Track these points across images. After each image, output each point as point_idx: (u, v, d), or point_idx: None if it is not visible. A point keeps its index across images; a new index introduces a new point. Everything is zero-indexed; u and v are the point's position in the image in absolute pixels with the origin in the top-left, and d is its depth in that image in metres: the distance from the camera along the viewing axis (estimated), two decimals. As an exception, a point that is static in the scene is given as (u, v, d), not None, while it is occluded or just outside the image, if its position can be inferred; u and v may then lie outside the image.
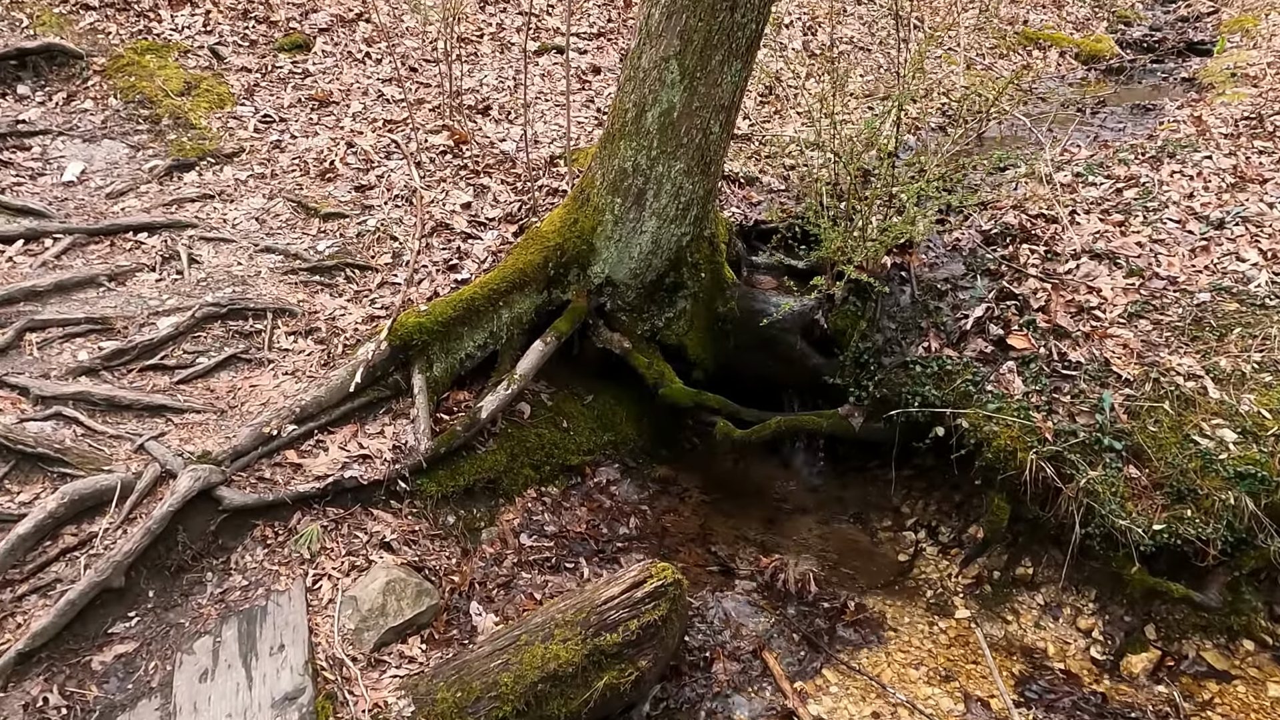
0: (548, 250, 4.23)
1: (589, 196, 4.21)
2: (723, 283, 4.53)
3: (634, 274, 4.35)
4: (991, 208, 4.81)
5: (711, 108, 3.85)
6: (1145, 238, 4.25)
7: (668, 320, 4.60)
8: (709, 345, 4.66)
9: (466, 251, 4.34)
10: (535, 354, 4.14)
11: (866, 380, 4.17)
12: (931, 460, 4.54)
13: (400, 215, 4.61)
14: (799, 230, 5.00)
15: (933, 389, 3.89)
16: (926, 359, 3.98)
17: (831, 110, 4.37)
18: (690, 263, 4.45)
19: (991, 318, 4.04)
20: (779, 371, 4.56)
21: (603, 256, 4.29)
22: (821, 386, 4.45)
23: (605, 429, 4.64)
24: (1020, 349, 3.86)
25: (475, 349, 4.17)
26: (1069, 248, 4.28)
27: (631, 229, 4.17)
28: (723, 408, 4.46)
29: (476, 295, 4.07)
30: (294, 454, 3.52)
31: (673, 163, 3.96)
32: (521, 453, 4.20)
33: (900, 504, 4.52)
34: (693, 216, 4.22)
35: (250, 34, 6.04)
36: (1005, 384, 3.76)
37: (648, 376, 4.50)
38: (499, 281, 4.13)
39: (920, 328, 4.17)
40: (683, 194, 4.08)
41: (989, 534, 3.69)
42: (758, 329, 4.49)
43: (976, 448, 3.68)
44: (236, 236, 4.45)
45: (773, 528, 4.43)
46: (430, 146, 5.12)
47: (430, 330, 3.93)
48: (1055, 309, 3.93)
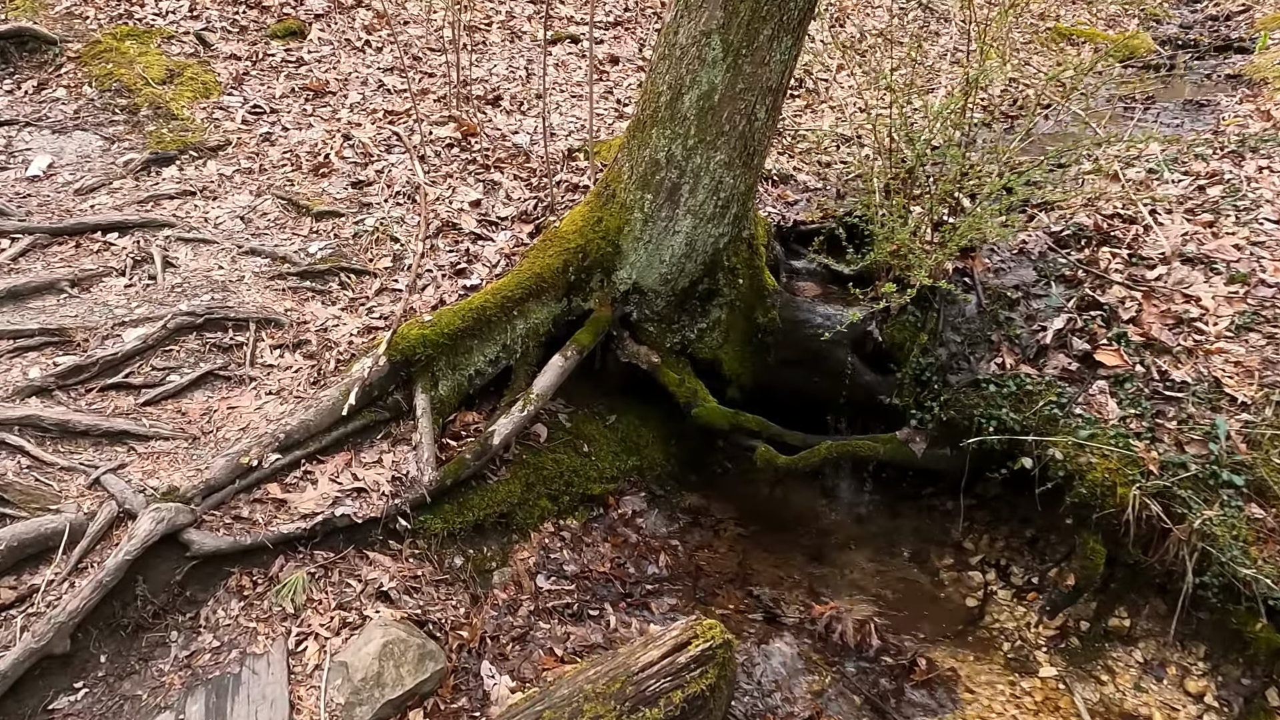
0: (568, 253, 3.74)
1: (615, 192, 3.73)
2: (763, 290, 4.04)
3: (664, 280, 3.86)
4: (1059, 207, 4.32)
5: (758, 90, 3.37)
6: (1243, 240, 3.76)
7: (700, 332, 4.11)
8: (746, 360, 4.17)
9: (476, 254, 3.86)
10: (554, 370, 3.66)
11: (930, 401, 3.67)
12: (997, 489, 4.05)
13: (402, 214, 4.13)
14: (842, 232, 4.51)
15: (1010, 412, 3.39)
16: (1001, 377, 3.48)
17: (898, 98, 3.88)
18: (727, 267, 3.96)
19: (1074, 330, 3.55)
20: (825, 389, 4.06)
21: (630, 260, 3.80)
22: (875, 407, 3.96)
23: (630, 453, 4.15)
24: (1112, 366, 3.36)
25: (486, 364, 3.68)
26: (1156, 251, 3.79)
27: (663, 229, 3.69)
28: (763, 430, 3.97)
29: (488, 304, 3.58)
30: (277, 488, 3.03)
31: (712, 153, 3.48)
32: (538, 481, 3.71)
33: (963, 538, 4.02)
34: (732, 215, 3.73)
35: (240, 19, 5.57)
36: (1097, 407, 3.26)
37: (679, 395, 4.01)
38: (513, 288, 3.64)
39: (990, 341, 3.68)
40: (722, 189, 3.59)
41: (1082, 581, 3.19)
42: (802, 342, 4.00)
43: (1066, 481, 3.18)
44: (218, 237, 3.97)
45: (819, 565, 3.93)
46: (435, 139, 4.64)
47: (435, 343, 3.45)
48: (1149, 320, 3.44)
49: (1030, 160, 4.58)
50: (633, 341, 4.03)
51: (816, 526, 4.21)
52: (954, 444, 3.64)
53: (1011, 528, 3.93)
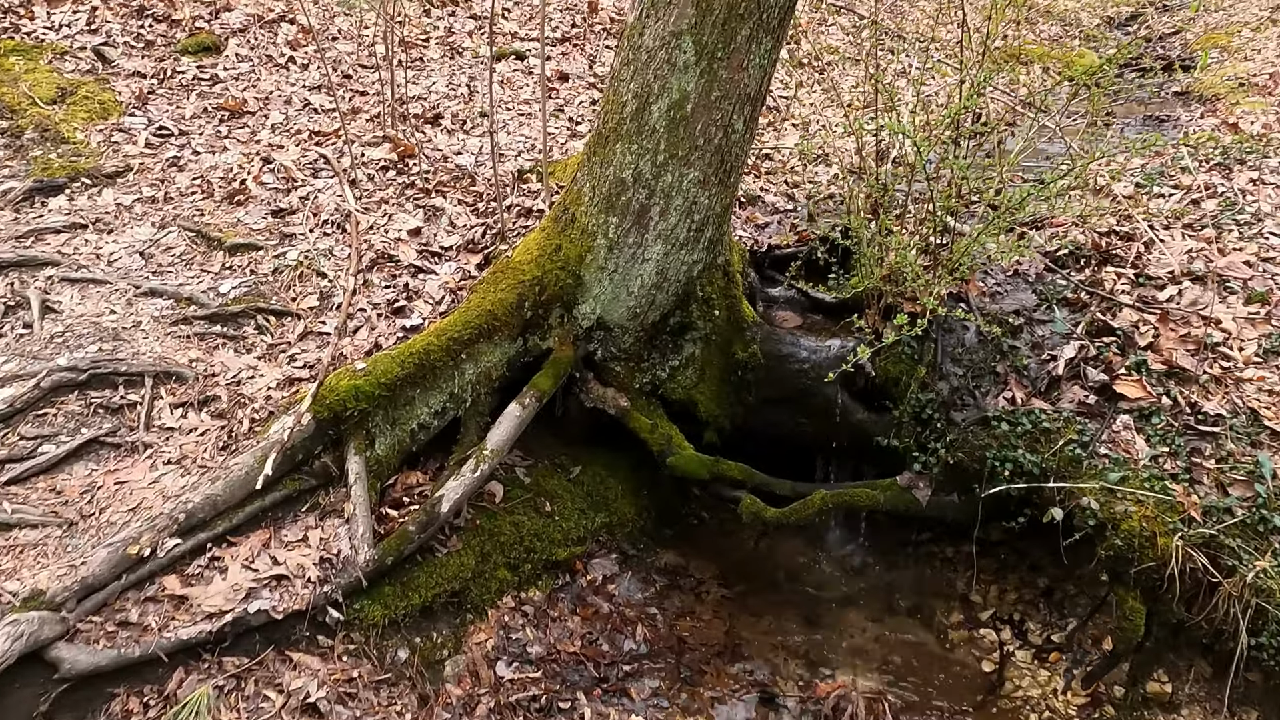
0: (523, 286, 3.29)
1: (574, 216, 3.29)
2: (741, 322, 3.63)
3: (633, 314, 3.43)
4: (1051, 225, 4.03)
5: (735, 98, 2.98)
6: (1252, 256, 3.50)
7: (672, 370, 3.68)
8: (724, 400, 3.75)
9: (417, 290, 3.37)
10: (510, 422, 3.18)
11: (934, 441, 3.30)
12: (999, 534, 3.69)
13: (330, 245, 3.62)
14: (821, 256, 4.15)
15: (1027, 453, 3.03)
16: (1014, 414, 3.12)
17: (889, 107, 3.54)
18: (701, 298, 3.55)
19: (1087, 359, 3.22)
20: (813, 430, 3.66)
21: (593, 293, 3.36)
22: (869, 449, 3.57)
23: (597, 509, 3.68)
24: (1134, 399, 3.03)
25: (431, 416, 3.19)
26: (1163, 269, 3.50)
27: (630, 257, 3.26)
28: (747, 479, 3.54)
29: (432, 347, 3.10)
30: (176, 581, 2.48)
31: (685, 170, 3.07)
32: (494, 549, 3.21)
33: (968, 590, 3.64)
34: (707, 239, 3.32)
35: (146, 33, 5.01)
36: (1124, 445, 2.92)
37: (651, 443, 3.56)
38: (461, 328, 3.16)
39: (996, 373, 3.33)
40: (696, 210, 3.19)
41: (1120, 645, 2.82)
42: (786, 378, 3.60)
43: (1097, 531, 2.82)
44: (112, 276, 3.40)
45: (815, 629, 3.50)
46: (368, 161, 4.15)
47: (370, 396, 2.95)
48: (1168, 346, 3.13)
49: (1014, 173, 4.29)
50: (598, 383, 3.58)
51: (807, 582, 3.78)
52: (963, 489, 3.26)
53: (1022, 576, 3.57)
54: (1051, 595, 3.43)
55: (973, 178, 3.22)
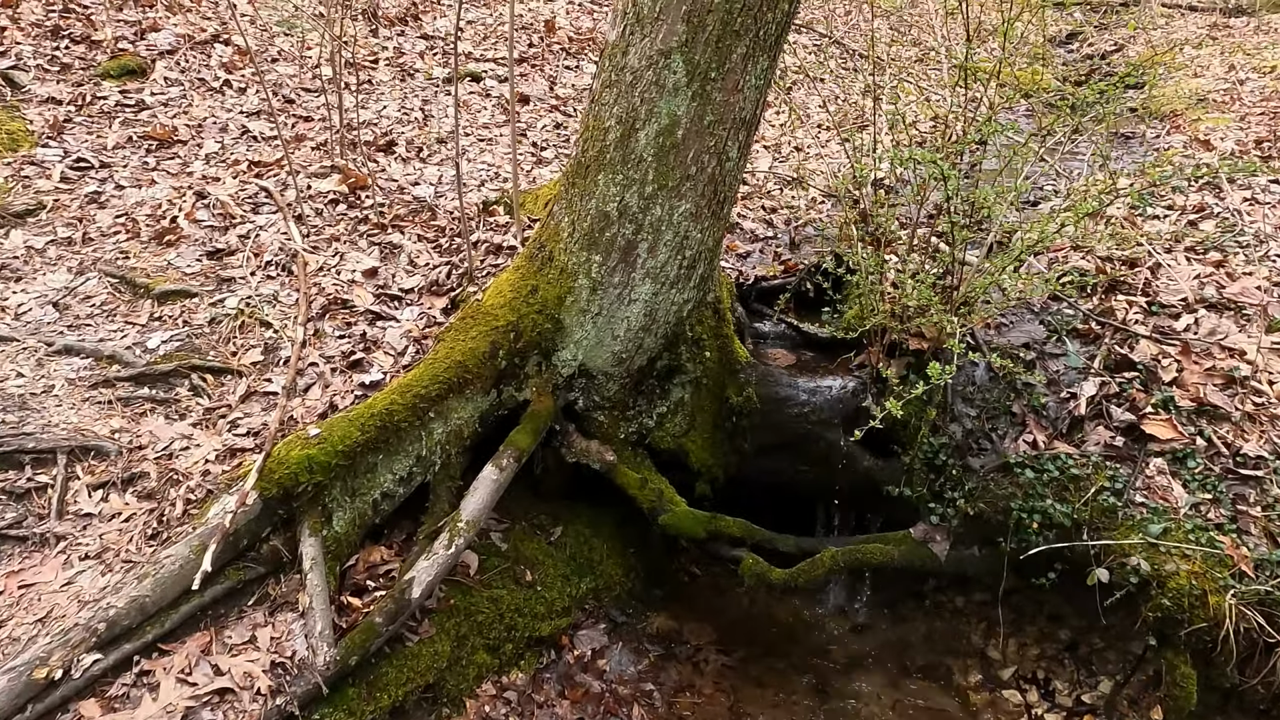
0: (496, 333, 2.94)
1: (551, 254, 2.97)
2: (734, 364, 3.34)
3: (618, 359, 3.11)
4: (1047, 250, 3.84)
5: (730, 123, 2.70)
6: (1264, 281, 3.34)
7: (660, 418, 3.37)
8: (717, 448, 3.44)
9: (375, 340, 3.00)
10: (486, 487, 2.82)
11: (950, 490, 3.04)
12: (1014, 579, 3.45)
13: (275, 290, 3.23)
14: (810, 288, 3.89)
15: (1056, 503, 2.78)
16: (1039, 459, 2.88)
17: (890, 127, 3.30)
18: (690, 338, 3.25)
19: (1109, 396, 3.00)
20: (815, 479, 3.38)
21: (575, 338, 3.03)
22: (875, 497, 3.30)
23: (582, 574, 3.34)
24: (1166, 440, 2.81)
25: (396, 484, 2.82)
26: (1174, 296, 3.32)
27: (616, 298, 2.94)
28: (748, 536, 3.24)
29: (395, 406, 2.73)
30: (95, 707, 2.07)
31: (676, 202, 2.78)
32: (471, 631, 2.85)
33: (985, 645, 3.39)
34: (699, 276, 3.03)
35: (62, 56, 4.55)
36: (1161, 493, 2.69)
37: (641, 500, 3.24)
38: (427, 383, 2.81)
39: (1012, 414, 3.09)
40: (688, 245, 2.89)
41: (1171, 714, 2.57)
42: (785, 424, 3.31)
43: (1141, 589, 2.58)
44: (19, 332, 2.97)
45: (825, 698, 3.20)
46: (315, 194, 3.77)
47: (326, 466, 2.57)
48: (1194, 381, 2.92)
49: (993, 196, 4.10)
50: (580, 436, 3.25)
51: (811, 643, 3.48)
52: (984, 542, 3.01)
53: (1041, 629, 3.33)
54: (1076, 650, 3.19)
55: (990, 201, 2.98)
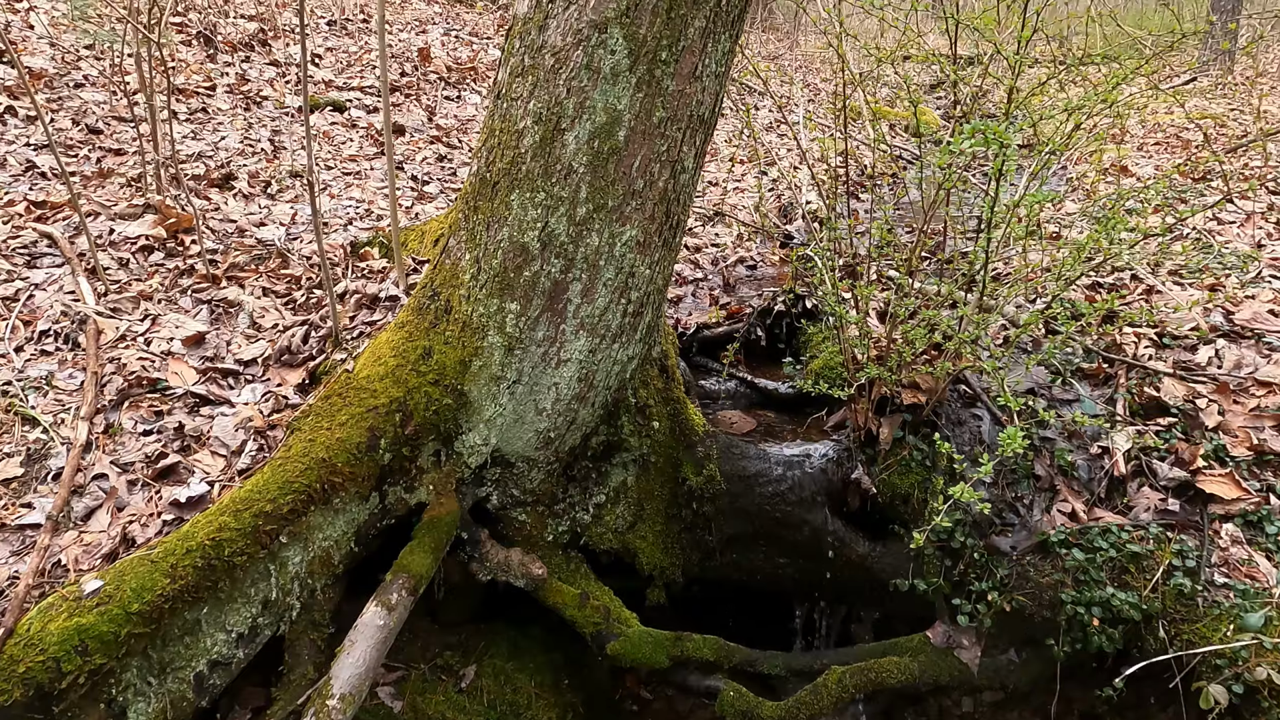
0: (375, 416, 2.12)
1: (450, 304, 2.19)
2: (688, 434, 2.63)
3: (544, 440, 2.34)
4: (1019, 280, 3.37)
5: (685, 120, 2.04)
6: (1272, 304, 2.95)
7: (598, 509, 2.61)
8: (672, 543, 2.70)
9: (198, 435, 2.12)
10: (368, 640, 1.96)
11: (976, 580, 2.40)
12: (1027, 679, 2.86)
13: (50, 370, 2.29)
14: (760, 335, 3.27)
15: (1116, 590, 2.19)
16: (1085, 534, 2.30)
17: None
18: (634, 406, 2.52)
19: (1147, 449, 2.47)
20: (797, 574, 2.69)
21: (485, 415, 2.25)
22: (872, 592, 2.64)
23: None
24: (1230, 500, 2.29)
25: (232, 645, 1.92)
26: (1185, 326, 2.87)
27: (540, 359, 2.19)
28: (723, 659, 2.49)
29: (227, 533, 1.86)
30: None
31: (618, 227, 2.07)
32: None
33: (1013, 765, 2.75)
34: (645, 326, 2.32)
35: None
36: (1244, 569, 2.15)
37: (582, 623, 2.46)
38: (276, 493, 1.95)
39: (1036, 477, 2.51)
40: (634, 285, 2.18)
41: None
42: (757, 506, 2.62)
43: (1246, 699, 2.00)
44: None
45: None
46: (121, 240, 2.85)
47: (111, 639, 1.66)
48: (1243, 425, 2.44)
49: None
50: (496, 544, 2.44)
51: (802, 780, 2.74)
52: (1024, 643, 2.39)
53: (1076, 735, 2.72)
54: (1127, 761, 2.60)
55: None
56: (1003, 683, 2.38)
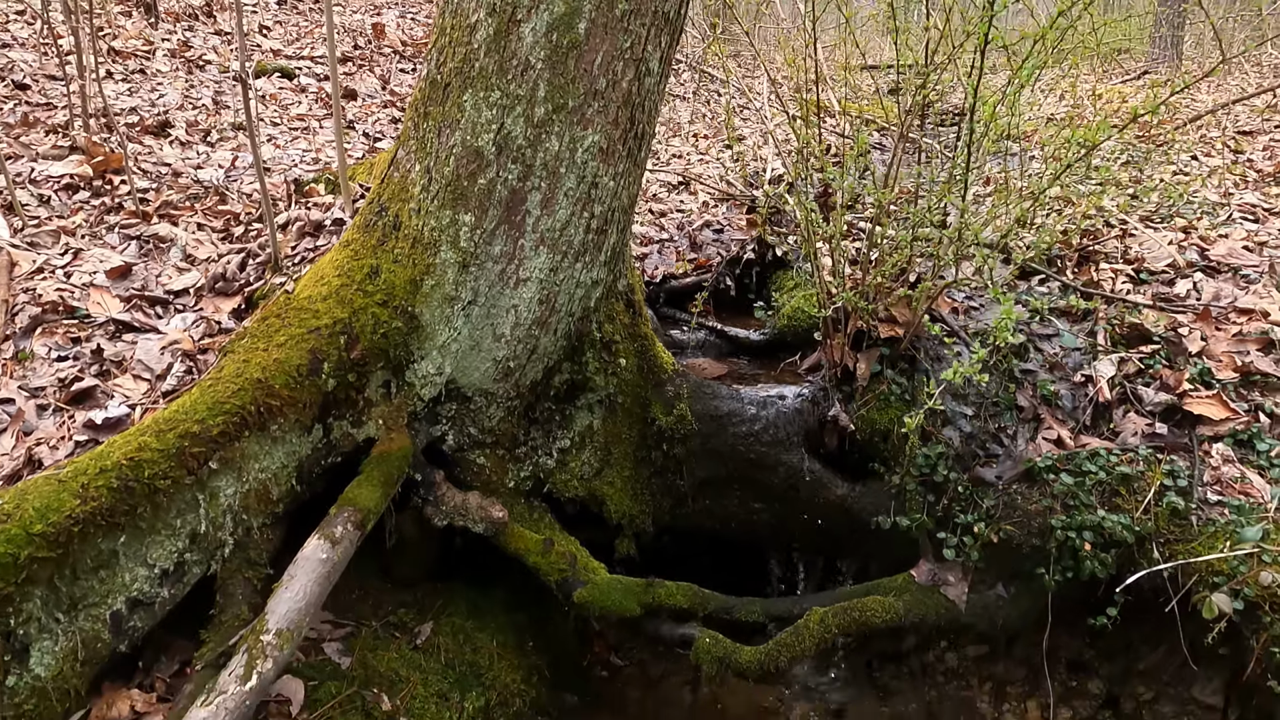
0: (316, 338, 1.95)
1: (399, 219, 2.03)
2: (657, 373, 2.49)
3: (504, 371, 2.18)
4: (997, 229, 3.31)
5: (650, 15, 1.92)
6: (1247, 242, 2.91)
7: (562, 454, 2.45)
8: (642, 489, 2.55)
9: (119, 360, 1.93)
10: (309, 576, 1.78)
11: (962, 513, 2.29)
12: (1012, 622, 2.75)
13: (-44, 302, 2.08)
14: (730, 285, 3.16)
15: (1108, 513, 2.09)
16: (1072, 459, 2.20)
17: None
18: (599, 341, 2.38)
19: (1131, 376, 2.39)
20: (774, 519, 2.55)
21: (439, 340, 2.09)
22: (852, 537, 2.52)
23: (465, 687, 2.32)
24: (1218, 420, 2.21)
25: (155, 581, 1.73)
26: (1159, 263, 2.82)
27: (498, 277, 2.04)
28: (698, 606, 2.34)
29: (148, 454, 1.67)
30: None
31: (579, 131, 1.94)
32: (296, 812, 1.76)
33: (999, 712, 2.64)
34: (610, 248, 2.18)
35: None
36: (1237, 486, 2.06)
37: (546, 570, 2.29)
38: (206, 415, 1.77)
39: (1019, 408, 2.41)
40: (598, 198, 2.05)
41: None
42: (731, 448, 2.49)
43: (1246, 615, 1.90)
44: None
45: (820, 818, 2.31)
46: (43, 179, 2.64)
47: (11, 562, 1.47)
48: (1227, 350, 2.37)
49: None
50: (453, 487, 2.27)
51: (782, 740, 2.60)
52: (1013, 577, 2.28)
53: (1064, 682, 2.62)
54: (1118, 705, 2.50)
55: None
56: (991, 619, 2.27)
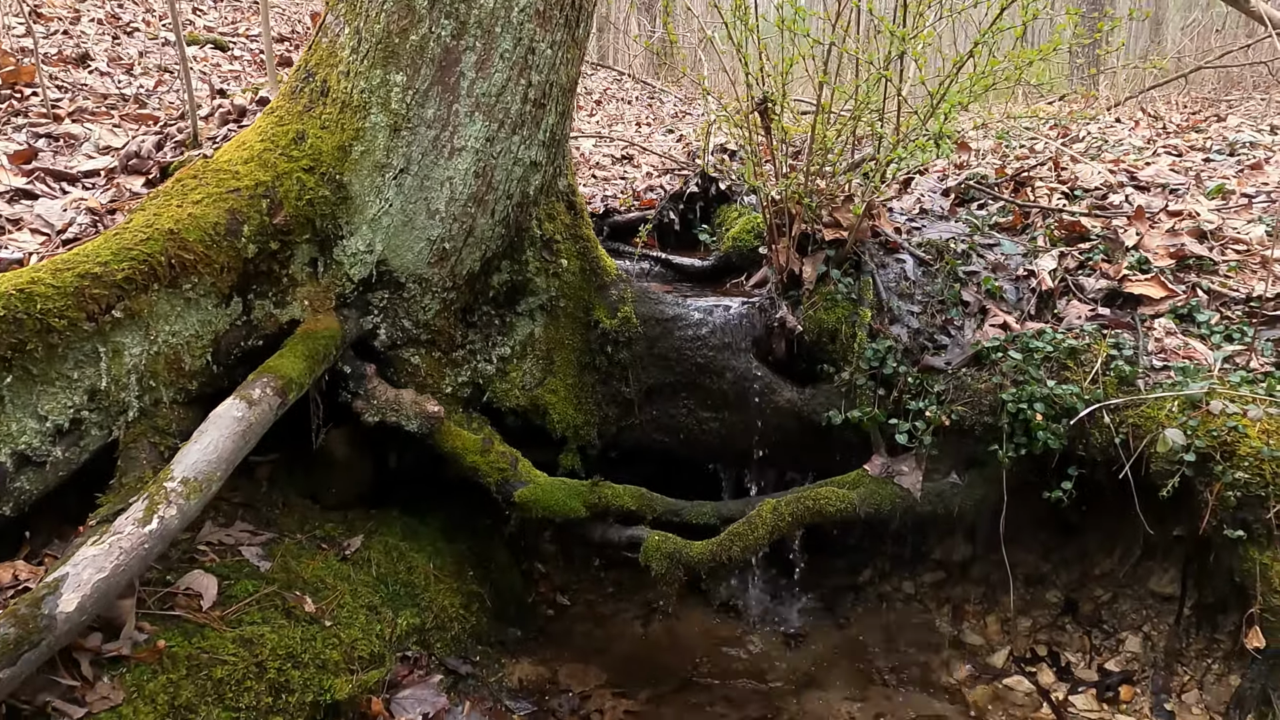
0: (238, 199, 1.84)
1: (327, 84, 1.95)
2: (600, 276, 2.42)
3: (439, 253, 2.09)
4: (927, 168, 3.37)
5: (585, -126, 1.91)
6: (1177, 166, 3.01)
7: (503, 362, 2.35)
8: (586, 398, 2.45)
9: (15, 220, 1.79)
10: (221, 430, 1.64)
11: (913, 400, 2.25)
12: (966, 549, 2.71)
13: None
14: (674, 218, 3.12)
15: (1058, 384, 2.07)
16: (1021, 339, 2.19)
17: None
18: (539, 239, 2.31)
19: (1072, 270, 2.40)
20: (724, 430, 2.47)
21: (369, 213, 1.99)
22: (804, 447, 2.45)
23: (398, 604, 2.16)
24: (1159, 299, 2.23)
25: (48, 438, 1.58)
26: (1094, 182, 2.88)
27: (431, 144, 1.96)
28: (645, 509, 2.24)
29: (41, 288, 1.53)
30: None
31: (515, -12, 1.89)
32: (201, 695, 1.60)
33: (958, 630, 2.57)
34: (549, 129, 2.13)
35: None
36: (1181, 353, 2.07)
37: (485, 470, 2.17)
38: (107, 258, 1.63)
39: (964, 303, 2.40)
40: (535, 65, 2.00)
41: (1274, 633, 1.83)
42: (676, 351, 2.42)
43: (1199, 468, 1.88)
44: None
45: (780, 732, 2.19)
46: (-55, 88, 2.49)
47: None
48: (1163, 243, 2.41)
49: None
50: (384, 383, 2.14)
51: (738, 670, 2.47)
52: (969, 464, 2.23)
53: (1022, 596, 2.56)
54: (1077, 610, 2.45)
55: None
56: (947, 506, 2.20)
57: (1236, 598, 1.97)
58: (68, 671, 1.45)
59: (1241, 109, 5.09)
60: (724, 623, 2.70)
